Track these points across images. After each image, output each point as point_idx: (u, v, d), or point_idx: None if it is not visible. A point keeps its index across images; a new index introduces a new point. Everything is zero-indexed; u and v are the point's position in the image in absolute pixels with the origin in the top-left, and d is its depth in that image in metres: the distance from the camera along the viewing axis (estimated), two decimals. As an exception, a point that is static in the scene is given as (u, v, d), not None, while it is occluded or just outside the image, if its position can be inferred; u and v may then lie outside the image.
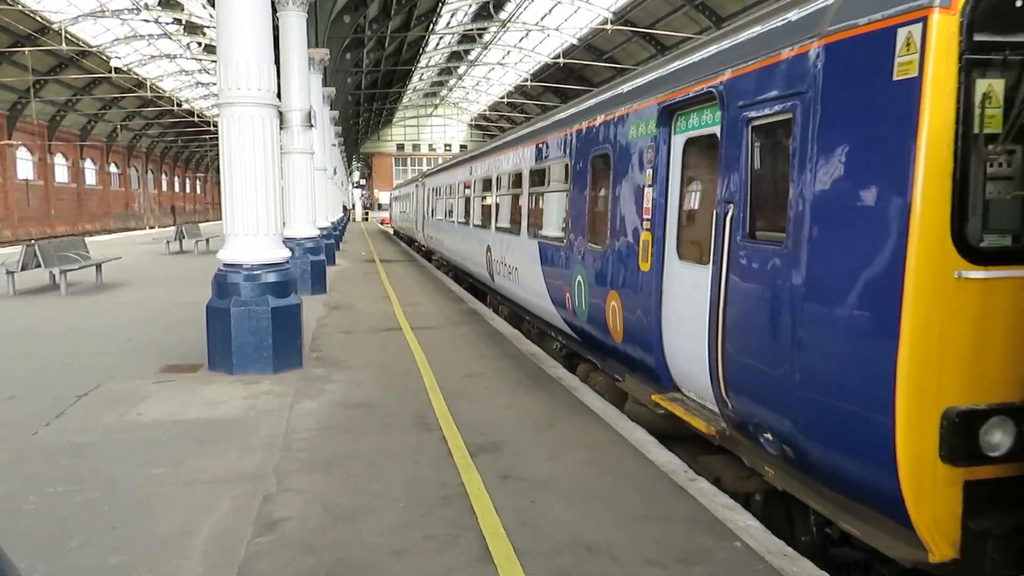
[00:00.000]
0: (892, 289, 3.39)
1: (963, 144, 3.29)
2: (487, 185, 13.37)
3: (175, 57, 47.27)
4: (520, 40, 52.07)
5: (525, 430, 5.83)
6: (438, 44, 52.01)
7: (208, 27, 38.69)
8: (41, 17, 35.63)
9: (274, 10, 12.93)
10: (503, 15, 46.38)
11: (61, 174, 51.87)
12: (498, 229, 12.09)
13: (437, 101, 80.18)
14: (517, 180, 10.98)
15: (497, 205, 12.51)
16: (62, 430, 5.89)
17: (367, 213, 78.44)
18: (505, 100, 64.95)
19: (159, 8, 37.53)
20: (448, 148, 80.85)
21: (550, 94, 58.81)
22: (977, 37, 3.24)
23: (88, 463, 5.14)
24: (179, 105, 54.25)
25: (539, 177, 9.78)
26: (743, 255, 4.52)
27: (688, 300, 5.35)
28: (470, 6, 44.19)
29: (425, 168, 39.99)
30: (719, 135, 4.91)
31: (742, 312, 4.49)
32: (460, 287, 16.05)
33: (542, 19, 46.01)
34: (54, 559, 3.75)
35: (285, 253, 8.26)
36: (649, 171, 6.03)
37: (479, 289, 15.60)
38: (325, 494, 4.57)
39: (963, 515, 3.38)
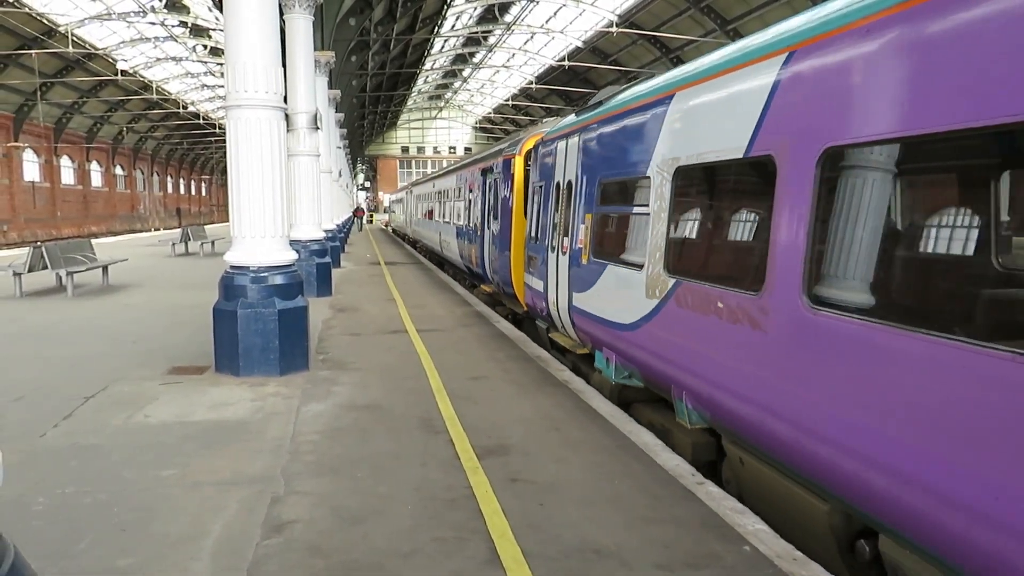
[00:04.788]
0: (509, 234, 12.01)
1: (526, 193, 11.42)
2: (439, 196, 22.91)
3: (181, 60, 47.44)
4: (525, 43, 52.12)
5: (532, 433, 5.83)
6: (443, 47, 52.08)
7: (214, 30, 38.83)
8: (48, 20, 35.79)
9: (280, 13, 12.97)
10: (508, 18, 46.44)
11: (67, 176, 52.11)
12: (443, 222, 21.38)
13: (442, 104, 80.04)
14: (448, 194, 20.46)
15: (443, 208, 21.63)
16: (70, 432, 5.91)
17: (371, 216, 74.89)
18: (510, 103, 65.03)
19: (165, 11, 37.68)
20: (453, 151, 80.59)
21: (555, 96, 58.85)
22: (528, 163, 11.68)
23: (96, 465, 5.15)
24: (185, 107, 54.46)
25: (456, 193, 18.73)
26: (492, 225, 13.37)
27: (488, 243, 13.61)
28: (475, 9, 44.25)
29: (429, 171, 42.98)
30: (493, 183, 13.47)
31: (490, 245, 13.55)
32: (464, 287, 16.11)
33: (547, 22, 46.07)
34: (63, 561, 3.76)
35: (292, 255, 8.25)
36: (480, 193, 14.75)
37: (440, 262, 24.61)
38: (333, 497, 4.57)
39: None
